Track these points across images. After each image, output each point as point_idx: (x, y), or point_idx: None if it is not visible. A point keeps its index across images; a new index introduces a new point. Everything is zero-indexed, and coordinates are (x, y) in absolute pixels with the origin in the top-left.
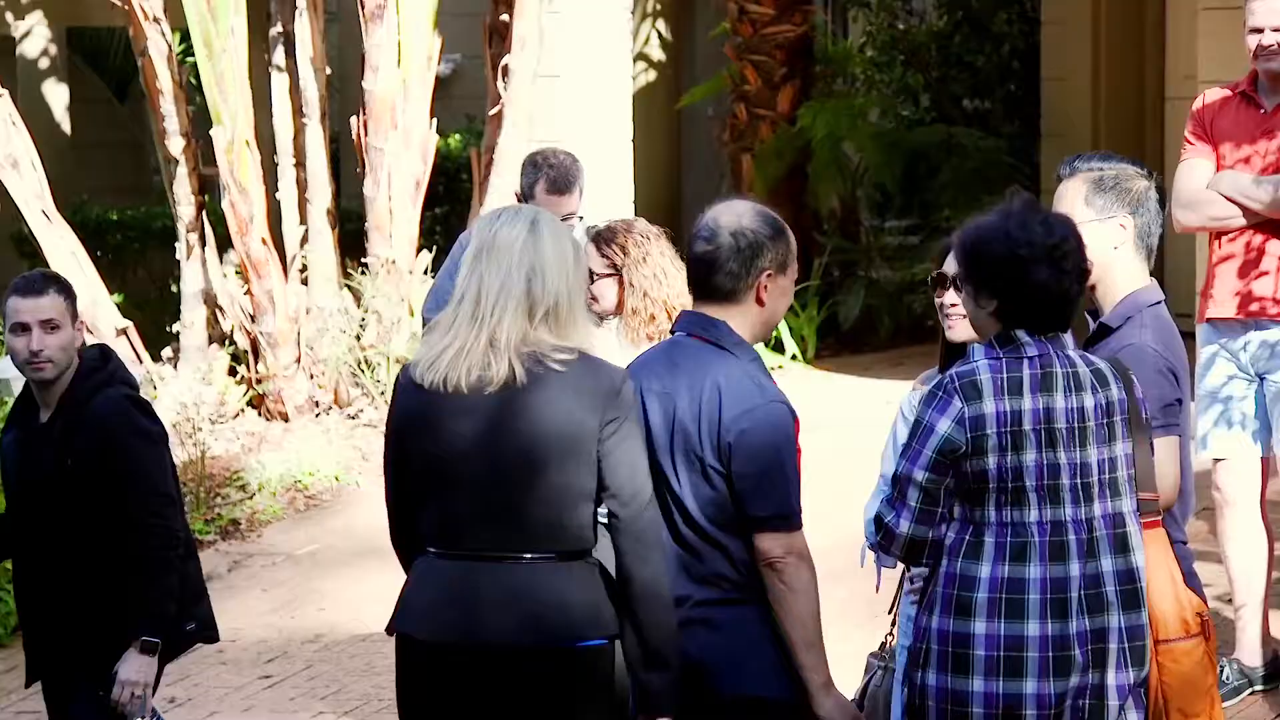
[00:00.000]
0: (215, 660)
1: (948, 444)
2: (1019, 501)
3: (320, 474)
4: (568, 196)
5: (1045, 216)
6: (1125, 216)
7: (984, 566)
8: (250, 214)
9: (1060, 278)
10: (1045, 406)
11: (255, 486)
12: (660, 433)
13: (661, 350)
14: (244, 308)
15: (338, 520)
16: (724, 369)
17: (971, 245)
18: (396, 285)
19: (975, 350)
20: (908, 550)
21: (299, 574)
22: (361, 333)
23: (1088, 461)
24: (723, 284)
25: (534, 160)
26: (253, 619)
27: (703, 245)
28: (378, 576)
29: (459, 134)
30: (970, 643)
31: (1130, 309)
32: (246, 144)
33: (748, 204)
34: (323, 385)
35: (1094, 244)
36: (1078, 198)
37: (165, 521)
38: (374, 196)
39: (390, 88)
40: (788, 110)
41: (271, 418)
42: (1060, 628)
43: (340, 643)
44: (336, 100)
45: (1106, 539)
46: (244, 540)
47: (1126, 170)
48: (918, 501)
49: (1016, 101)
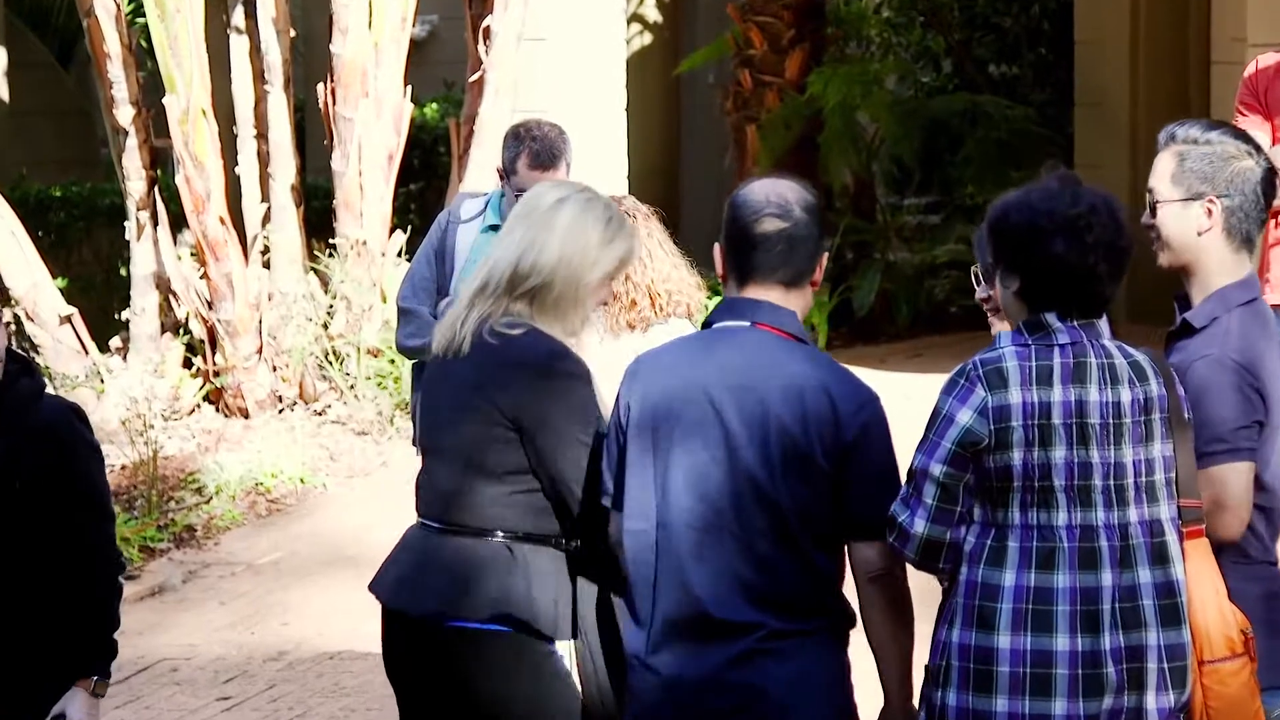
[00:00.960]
0: (169, 680)
1: (968, 436)
2: (1046, 503)
3: (284, 476)
4: (553, 172)
5: (1078, 189)
6: (1214, 198)
7: (1008, 574)
8: (207, 190)
9: (1083, 252)
10: (1077, 399)
11: (212, 489)
12: (744, 436)
13: (718, 342)
14: (200, 293)
15: (303, 526)
16: (815, 361)
17: (995, 219)
18: (367, 269)
19: (1002, 337)
20: (923, 552)
21: (260, 585)
22: (329, 321)
23: (1122, 462)
24: (799, 266)
25: (516, 132)
26: (209, 635)
27: (776, 222)
28: (346, 588)
29: (436, 103)
30: (993, 658)
31: (1217, 307)
32: (203, 113)
33: (790, 180)
34: (286, 378)
35: (1177, 228)
36: (1166, 173)
37: (117, 549)
38: (343, 171)
39: (360, 52)
40: (796, 76)
41: (230, 414)
42: (1092, 643)
43: (305, 661)
44: (302, 65)
45: (1144, 548)
46: (200, 548)
47: (1226, 145)
48: (934, 499)
49: (1047, 67)
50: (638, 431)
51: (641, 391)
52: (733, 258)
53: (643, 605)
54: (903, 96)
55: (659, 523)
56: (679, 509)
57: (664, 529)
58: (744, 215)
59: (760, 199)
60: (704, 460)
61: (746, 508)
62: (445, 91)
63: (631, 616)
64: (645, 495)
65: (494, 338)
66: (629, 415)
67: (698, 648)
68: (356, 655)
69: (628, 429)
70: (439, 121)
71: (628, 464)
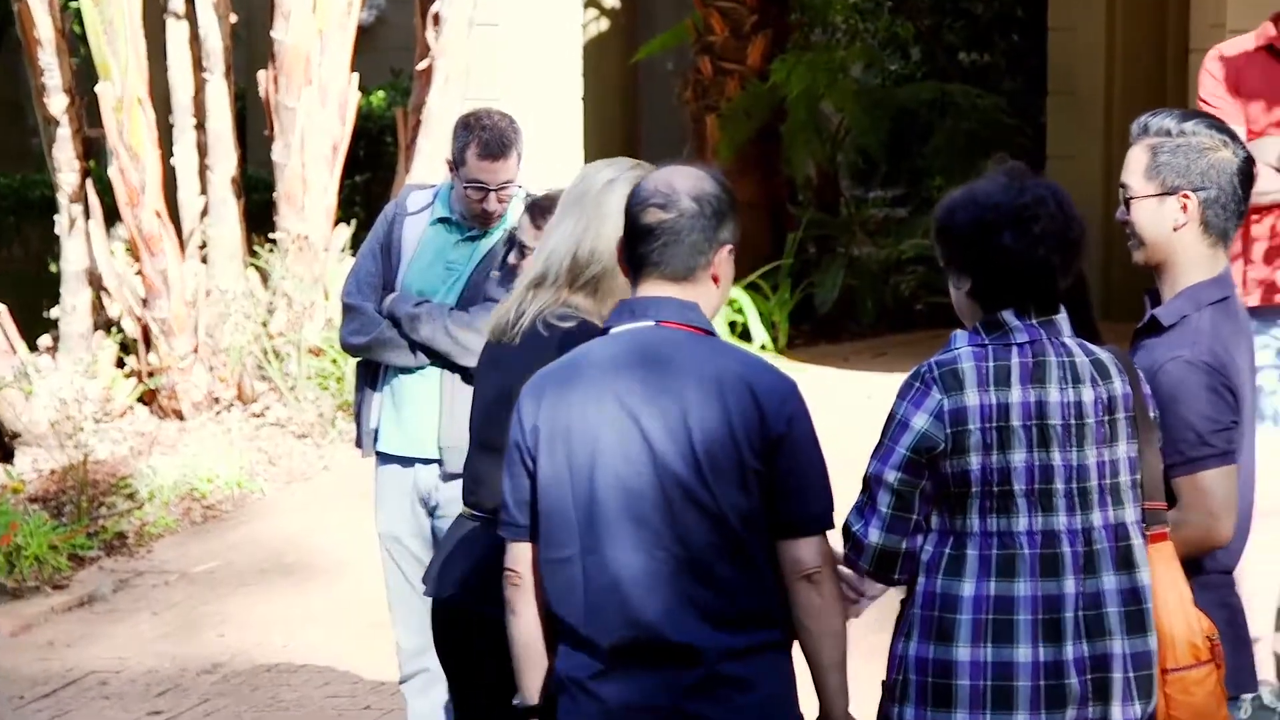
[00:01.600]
0: (98, 694)
1: (924, 440)
2: (1006, 508)
3: (220, 480)
4: (503, 163)
5: (1026, 181)
6: (1190, 192)
7: (967, 584)
8: (142, 182)
9: (1031, 243)
10: (1037, 400)
11: (145, 495)
12: (669, 447)
13: (623, 347)
14: (134, 290)
15: (240, 533)
16: (729, 355)
17: (941, 218)
18: (310, 265)
19: (958, 337)
20: (878, 563)
21: (194, 595)
22: (269, 319)
23: (1085, 464)
24: (684, 259)
25: (465, 122)
26: (141, 646)
27: (657, 213)
28: (284, 597)
29: (383, 91)
30: (953, 671)
31: (1187, 305)
32: (138, 102)
33: (697, 167)
34: (224, 379)
35: (1152, 224)
36: (1139, 167)
37: None
38: (285, 162)
39: (304, 38)
40: (758, 64)
41: (165, 416)
42: (1054, 653)
43: (241, 673)
44: (242, 52)
45: (1108, 552)
46: (132, 556)
47: (1201, 136)
48: (889, 507)
49: (1019, 54)
50: (549, 455)
51: (550, 411)
52: (625, 251)
53: (580, 631)
54: (869, 85)
55: (585, 548)
56: (610, 532)
57: (593, 554)
58: (631, 206)
59: (648, 189)
60: (629, 476)
61: (684, 521)
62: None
63: (565, 640)
64: (566, 524)
65: (546, 329)
66: (536, 438)
67: (650, 674)
68: (295, 667)
69: (537, 454)
70: (386, 111)
71: (540, 490)
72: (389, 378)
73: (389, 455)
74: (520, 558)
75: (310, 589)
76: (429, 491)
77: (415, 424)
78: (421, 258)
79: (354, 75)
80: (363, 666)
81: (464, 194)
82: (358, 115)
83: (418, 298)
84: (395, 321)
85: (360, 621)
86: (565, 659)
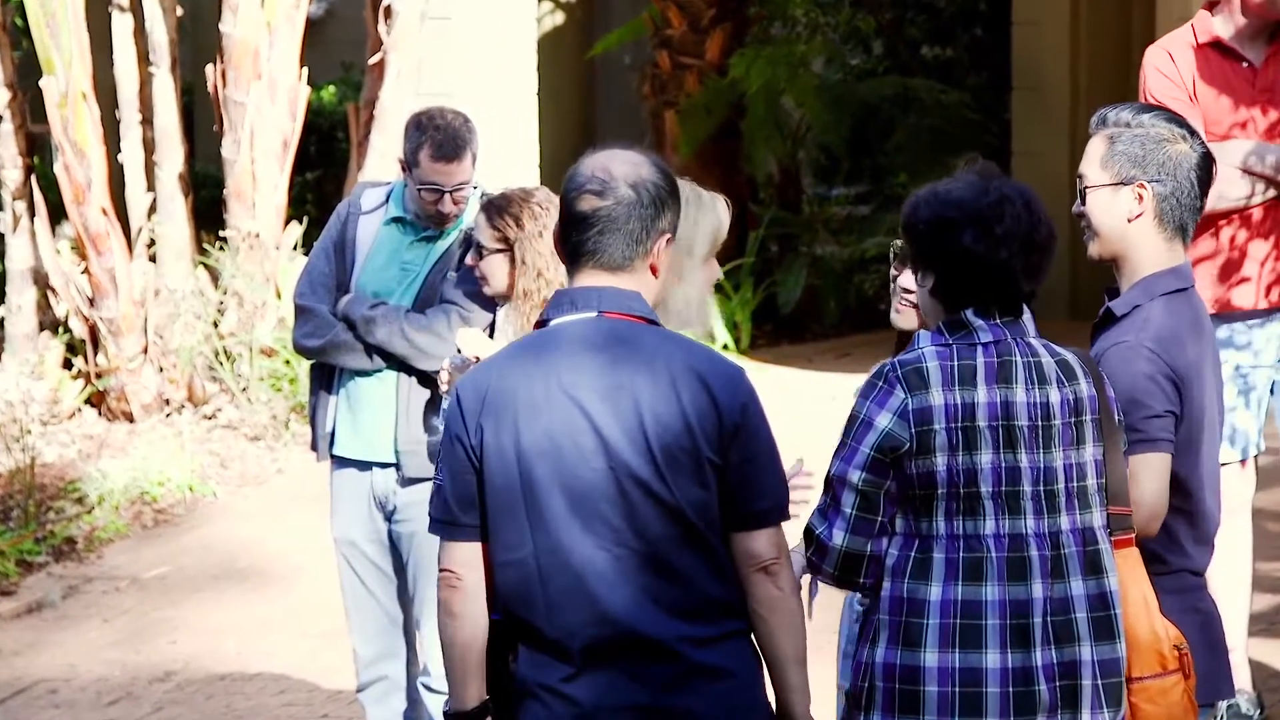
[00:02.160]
0: (48, 703)
1: (888, 440)
2: (972, 510)
3: (171, 484)
4: (458, 164)
5: (994, 182)
6: (1145, 183)
7: (933, 588)
8: (88, 179)
9: (993, 245)
10: (1003, 400)
11: (95, 499)
12: (623, 442)
13: (567, 340)
14: (81, 289)
15: (192, 538)
16: (676, 344)
17: (906, 214)
18: (261, 263)
19: (921, 336)
20: (842, 566)
21: (146, 601)
22: (219, 319)
23: (1052, 466)
24: (621, 249)
25: (418, 121)
26: (91, 654)
27: (592, 200)
28: (238, 603)
29: (334, 86)
30: (920, 678)
31: (1140, 295)
32: (83, 97)
33: (637, 152)
34: (174, 380)
35: (1106, 215)
36: (1096, 157)
37: None
38: (234, 159)
39: (252, 31)
40: (717, 59)
41: (114, 418)
42: (1022, 658)
43: (195, 682)
44: (189, 46)
45: (1076, 557)
46: (81, 562)
47: (1159, 128)
48: (853, 508)
49: (983, 48)
50: (498, 455)
51: (495, 409)
52: (560, 239)
53: (546, 633)
54: (830, 80)
55: (541, 548)
56: (565, 530)
57: (550, 554)
58: (567, 192)
59: (585, 174)
60: (583, 472)
61: (641, 515)
62: (343, 74)
63: (527, 642)
64: (517, 523)
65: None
66: (482, 438)
67: (625, 672)
68: (249, 675)
69: (482, 451)
70: (337, 106)
71: (490, 493)
72: (344, 380)
73: (345, 459)
74: (460, 558)
75: (265, 595)
76: (386, 496)
77: (371, 428)
78: (376, 258)
79: (304, 69)
80: (319, 674)
81: (418, 196)
82: (308, 110)
83: (373, 299)
84: (350, 324)
85: (316, 628)
86: (528, 663)
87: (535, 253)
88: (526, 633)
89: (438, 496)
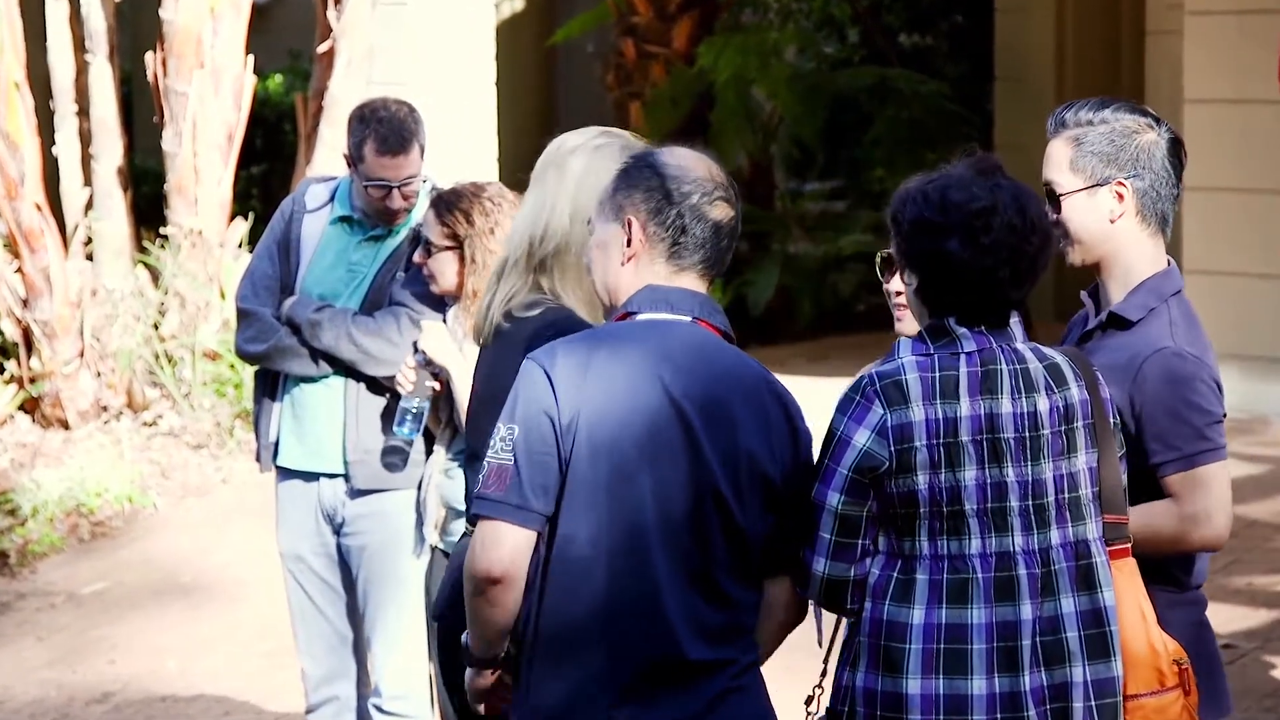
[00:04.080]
0: None
1: (867, 459)
2: (957, 530)
3: (109, 494)
4: (404, 157)
5: (988, 181)
6: (1123, 180)
7: (917, 611)
8: (21, 173)
9: (979, 253)
10: (987, 412)
11: (28, 511)
12: (716, 459)
13: (669, 341)
14: (13, 289)
15: (131, 552)
16: (755, 365)
17: (893, 206)
18: (204, 262)
19: (901, 345)
20: (827, 594)
21: (83, 618)
22: (160, 320)
23: (1041, 479)
24: (726, 261)
25: (361, 114)
26: (25, 674)
27: (727, 209)
28: (179, 620)
29: (281, 75)
30: (903, 705)
31: (1151, 298)
32: (15, 86)
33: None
34: (112, 385)
35: (1086, 220)
36: (1063, 162)
37: None
38: (176, 152)
39: (194, 17)
40: (685, 47)
41: (48, 425)
42: (1010, 683)
43: (134, 703)
44: (128, 33)
45: (1067, 573)
46: (14, 577)
47: (1124, 121)
48: (833, 532)
49: (964, 36)
50: (589, 444)
51: (597, 394)
52: (671, 237)
53: (595, 638)
54: (803, 70)
55: (613, 550)
56: (643, 539)
57: (624, 558)
58: (696, 193)
59: (705, 175)
60: (674, 483)
61: (710, 536)
62: (291, 62)
63: (562, 646)
64: (595, 519)
65: (509, 321)
66: (576, 423)
67: (673, 694)
68: (191, 696)
69: (575, 439)
70: (284, 96)
71: (573, 481)
72: (289, 387)
73: (290, 470)
74: (517, 544)
75: (208, 611)
76: (334, 508)
77: (318, 437)
78: (322, 259)
79: (249, 58)
80: (265, 696)
81: (365, 192)
82: (254, 101)
83: (319, 302)
84: (295, 328)
85: (262, 647)
86: (565, 692)
87: (486, 250)
88: (570, 635)
89: (499, 478)
